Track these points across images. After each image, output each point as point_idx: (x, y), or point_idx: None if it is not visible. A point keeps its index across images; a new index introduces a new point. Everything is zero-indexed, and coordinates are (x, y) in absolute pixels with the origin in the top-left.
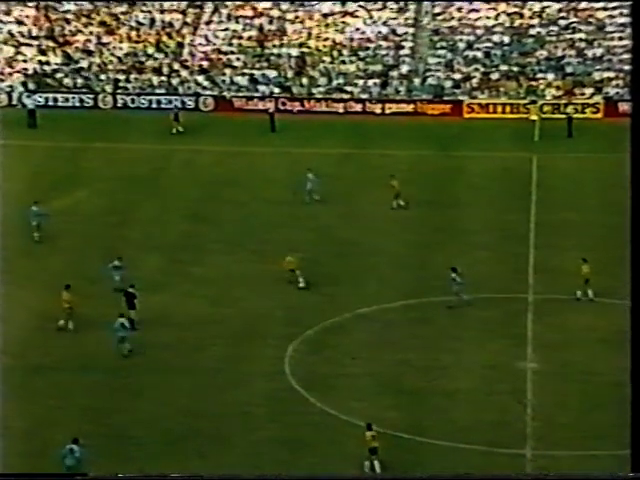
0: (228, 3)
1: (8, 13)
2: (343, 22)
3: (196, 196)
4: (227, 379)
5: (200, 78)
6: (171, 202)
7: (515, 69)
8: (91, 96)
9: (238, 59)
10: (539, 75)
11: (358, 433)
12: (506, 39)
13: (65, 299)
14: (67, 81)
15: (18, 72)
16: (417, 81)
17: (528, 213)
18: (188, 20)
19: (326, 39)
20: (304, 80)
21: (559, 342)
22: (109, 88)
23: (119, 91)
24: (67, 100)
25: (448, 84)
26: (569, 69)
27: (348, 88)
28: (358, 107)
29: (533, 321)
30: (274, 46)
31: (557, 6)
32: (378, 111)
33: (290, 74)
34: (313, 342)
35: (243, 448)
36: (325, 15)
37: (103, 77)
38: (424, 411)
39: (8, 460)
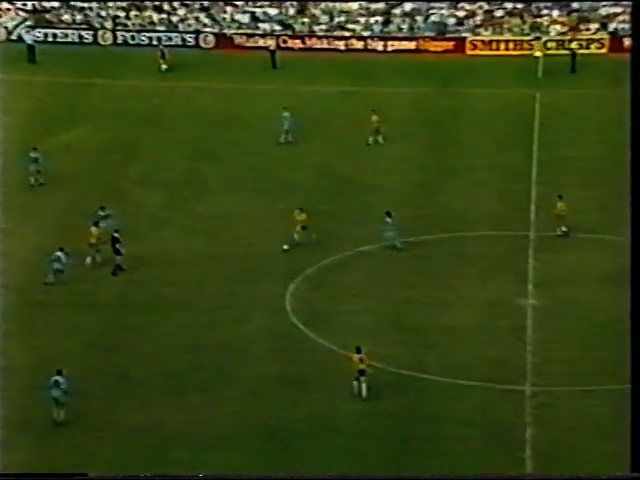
0: None
1: None
2: None
3: (197, 133)
4: (228, 316)
5: (201, 15)
6: (172, 139)
7: (519, 6)
8: (90, 32)
9: None
10: (544, 12)
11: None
12: None
13: (94, 234)
14: (66, 17)
15: (18, 8)
16: (420, 19)
17: (530, 150)
18: None
19: None
20: (305, 18)
21: (560, 279)
22: (109, 25)
23: (119, 28)
24: (66, 36)
25: (451, 21)
26: (575, 5)
27: (350, 26)
28: (360, 45)
29: (534, 258)
30: None
31: None
32: (380, 48)
33: (291, 11)
34: (314, 279)
35: (244, 384)
36: None
37: (103, 13)
38: (425, 348)
39: (10, 395)
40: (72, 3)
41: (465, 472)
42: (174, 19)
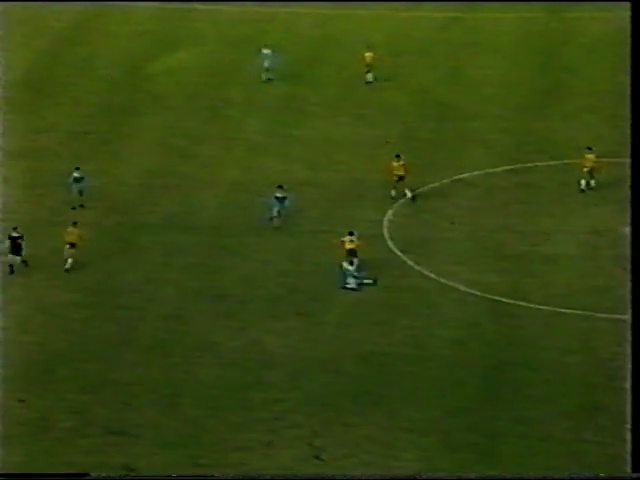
0: None
1: None
2: None
3: (297, 58)
4: (325, 242)
5: None
6: (272, 64)
7: None
8: None
9: None
10: None
11: (457, 296)
12: None
13: None
14: None
15: None
16: None
17: None
18: None
19: None
20: None
21: None
22: None
23: None
24: None
25: None
26: None
27: None
28: None
29: None
30: None
31: None
32: None
33: None
34: (411, 206)
35: (340, 307)
36: None
37: None
38: (525, 275)
39: (110, 313)
40: None
41: (555, 406)
42: None
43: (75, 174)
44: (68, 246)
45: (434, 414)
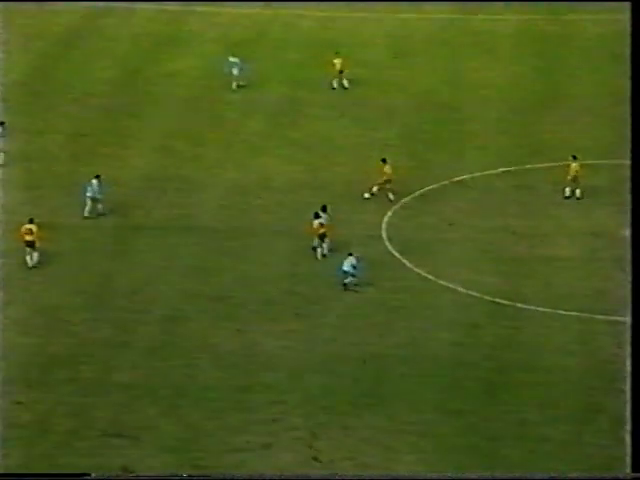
0: None
1: None
2: None
3: (297, 60)
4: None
5: None
6: (272, 65)
7: None
8: None
9: None
10: None
11: (456, 298)
12: None
13: None
14: None
15: None
16: None
17: None
18: None
19: None
20: None
21: None
22: None
23: None
24: None
25: None
26: None
27: None
28: None
29: None
30: None
31: None
32: None
33: None
34: (410, 208)
35: (339, 310)
36: None
37: None
38: (523, 277)
39: (109, 315)
40: None
41: (554, 408)
42: None
43: (94, 181)
44: (28, 249)
45: (433, 416)
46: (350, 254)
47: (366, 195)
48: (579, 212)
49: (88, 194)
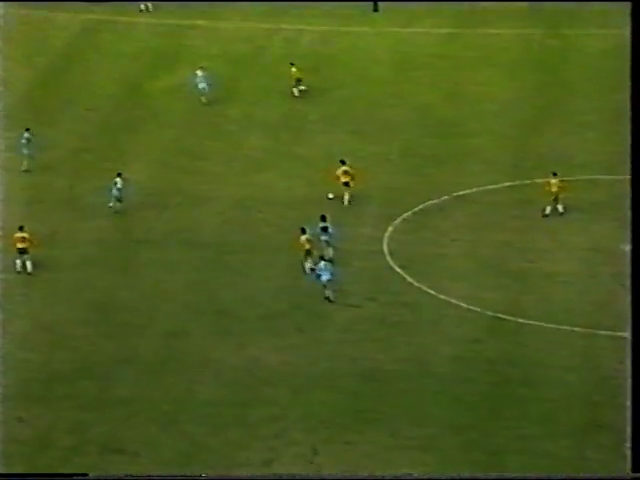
0: None
1: None
2: None
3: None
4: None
5: None
6: (272, 80)
7: None
8: None
9: None
10: None
11: (457, 313)
12: None
13: None
14: None
15: None
16: None
17: None
18: None
19: None
20: None
21: None
22: None
23: None
24: None
25: None
26: None
27: None
28: None
29: None
30: None
31: None
32: None
33: None
34: (411, 223)
35: (340, 324)
36: None
37: None
38: (524, 292)
39: (110, 330)
40: None
41: (555, 424)
42: None
43: (117, 179)
44: (25, 256)
45: (434, 431)
46: (322, 258)
47: (330, 195)
48: (579, 227)
49: (114, 193)
